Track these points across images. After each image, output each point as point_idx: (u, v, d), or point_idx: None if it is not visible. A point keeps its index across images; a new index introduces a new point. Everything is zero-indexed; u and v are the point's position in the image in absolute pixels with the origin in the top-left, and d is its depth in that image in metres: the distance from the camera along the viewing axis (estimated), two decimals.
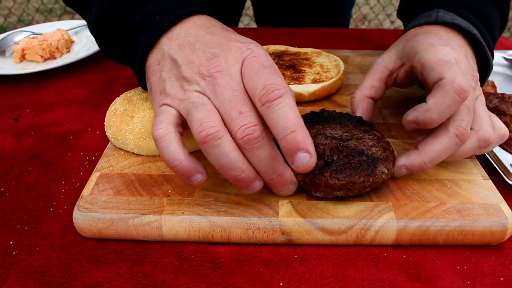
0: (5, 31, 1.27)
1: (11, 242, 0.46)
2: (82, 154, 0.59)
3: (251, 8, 1.44)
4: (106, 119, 0.57)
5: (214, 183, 0.49)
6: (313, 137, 0.49)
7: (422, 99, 0.53)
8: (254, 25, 3.14)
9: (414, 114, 0.47)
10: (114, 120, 0.55)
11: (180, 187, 0.48)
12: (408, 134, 0.58)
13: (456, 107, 0.45)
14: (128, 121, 0.54)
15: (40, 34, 0.92)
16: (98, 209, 0.45)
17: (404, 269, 0.43)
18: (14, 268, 0.43)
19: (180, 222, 0.45)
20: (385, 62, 0.56)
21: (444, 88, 0.44)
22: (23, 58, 0.86)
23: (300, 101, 0.65)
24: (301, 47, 0.88)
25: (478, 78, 0.50)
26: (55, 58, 0.87)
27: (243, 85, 0.41)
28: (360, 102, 0.55)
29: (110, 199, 0.47)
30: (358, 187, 0.45)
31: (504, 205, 0.46)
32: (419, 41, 0.51)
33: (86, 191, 0.48)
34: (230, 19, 1.23)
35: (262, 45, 0.92)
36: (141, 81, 0.53)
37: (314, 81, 0.67)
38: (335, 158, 0.46)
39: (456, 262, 0.44)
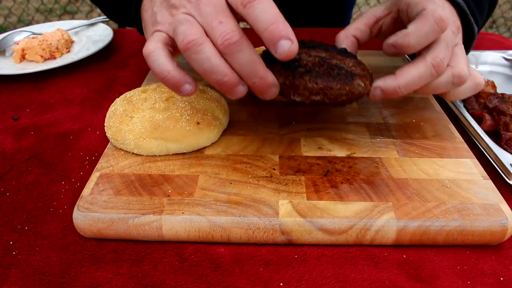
0: (5, 31, 1.27)
1: (11, 242, 0.46)
2: (82, 154, 0.59)
3: None
4: (106, 120, 0.57)
5: (214, 183, 0.49)
6: (299, 55, 0.51)
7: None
8: None
9: (394, 38, 0.49)
10: (114, 120, 0.55)
11: (180, 187, 0.48)
12: (408, 134, 0.58)
13: (434, 36, 0.47)
14: (128, 121, 0.54)
15: (40, 34, 0.92)
16: (98, 209, 0.45)
17: (404, 269, 0.43)
18: (14, 268, 0.43)
19: (180, 222, 0.45)
20: (373, 11, 0.60)
21: (425, 16, 0.47)
22: (23, 58, 0.86)
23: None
24: None
25: (459, 26, 0.53)
26: (55, 58, 0.87)
27: (226, 1, 0.43)
28: (345, 39, 0.58)
29: (110, 199, 0.47)
30: (335, 93, 0.47)
31: (504, 205, 0.46)
32: None
33: (86, 191, 0.48)
34: None
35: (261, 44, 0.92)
36: (140, 29, 0.56)
37: None
38: (316, 69, 0.49)
39: (456, 262, 0.44)
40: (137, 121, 0.53)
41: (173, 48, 0.46)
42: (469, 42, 0.59)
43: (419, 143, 0.56)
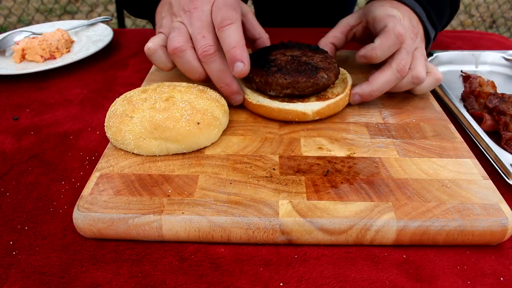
0: (5, 31, 1.27)
1: (11, 242, 0.46)
2: (82, 154, 0.59)
3: (251, 7, 1.44)
4: (106, 120, 0.57)
5: (214, 183, 0.49)
6: (274, 56, 0.64)
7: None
8: None
9: (364, 51, 0.61)
10: (113, 120, 0.55)
11: (180, 187, 0.48)
12: (408, 134, 0.58)
13: (395, 48, 0.59)
14: (128, 121, 0.54)
15: (40, 34, 0.92)
16: (98, 209, 0.45)
17: (404, 269, 0.43)
18: (14, 268, 0.43)
19: (180, 222, 0.45)
20: (348, 20, 0.72)
21: (387, 32, 0.59)
22: (23, 58, 0.86)
23: (304, 120, 0.60)
24: None
25: (418, 33, 0.64)
26: (55, 58, 0.87)
27: (211, 19, 0.57)
28: (324, 46, 0.70)
29: (110, 199, 0.47)
30: (301, 85, 0.58)
31: (504, 205, 0.46)
32: (374, 5, 0.67)
33: (86, 191, 0.48)
34: None
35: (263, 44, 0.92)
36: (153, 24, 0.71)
37: (319, 98, 0.61)
38: (287, 66, 0.61)
39: (456, 262, 0.44)
40: (137, 121, 0.53)
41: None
42: (427, 45, 0.70)
43: (419, 143, 0.56)
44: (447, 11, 0.75)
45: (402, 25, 0.60)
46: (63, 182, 0.54)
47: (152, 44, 0.59)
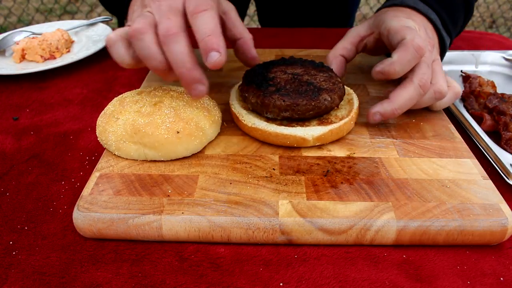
0: (5, 31, 1.27)
1: (11, 242, 0.46)
2: (82, 154, 0.59)
3: (250, 7, 1.44)
4: (98, 117, 0.57)
5: (214, 183, 0.49)
6: (274, 73, 0.59)
7: None
8: (254, 25, 3.13)
9: (382, 66, 0.57)
10: (102, 120, 0.55)
11: (180, 187, 0.48)
12: (408, 134, 0.58)
13: (415, 61, 0.56)
14: (113, 122, 0.53)
15: (40, 34, 0.92)
16: (98, 209, 0.45)
17: (404, 269, 0.43)
18: (14, 268, 0.43)
19: (180, 222, 0.45)
20: (358, 30, 0.67)
21: (405, 45, 0.55)
22: (23, 58, 0.86)
23: (303, 146, 0.55)
24: (301, 47, 0.88)
25: (435, 44, 0.62)
26: (55, 58, 0.87)
27: (183, 8, 0.50)
28: (334, 59, 0.66)
29: (110, 199, 0.47)
30: (301, 108, 0.53)
31: (504, 205, 0.46)
32: (387, 14, 0.63)
33: (86, 191, 0.48)
34: None
35: (262, 44, 0.92)
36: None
37: (321, 122, 0.56)
38: (287, 87, 0.55)
39: (456, 262, 0.44)
40: (121, 123, 0.53)
41: None
42: (442, 53, 0.67)
43: (419, 143, 0.56)
44: (461, 17, 0.70)
45: (420, 36, 0.56)
46: (63, 182, 0.54)
47: (113, 35, 0.52)
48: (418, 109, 0.61)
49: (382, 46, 0.64)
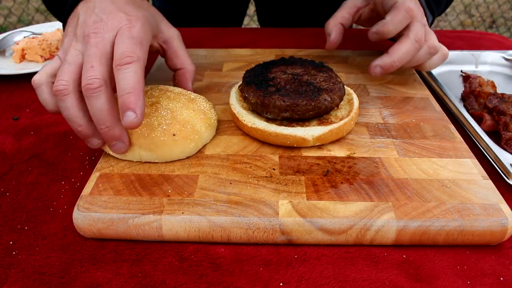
0: (5, 31, 1.27)
1: (11, 242, 0.46)
2: (82, 154, 0.59)
3: (250, 7, 1.44)
4: None
5: (214, 183, 0.49)
6: (274, 73, 0.59)
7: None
8: (254, 25, 3.13)
9: (376, 27, 0.64)
10: None
11: (180, 187, 0.48)
12: (408, 134, 0.58)
13: (406, 21, 0.62)
14: None
15: (40, 34, 0.92)
16: (98, 209, 0.45)
17: (404, 269, 0.43)
18: (14, 268, 0.43)
19: (180, 222, 0.45)
20: (355, 1, 0.74)
21: (397, 8, 0.62)
22: (23, 58, 0.86)
23: (303, 146, 0.55)
24: (301, 47, 0.88)
25: (423, 12, 0.66)
26: None
27: (111, 49, 0.49)
28: (334, 27, 0.72)
29: (110, 199, 0.47)
30: (301, 109, 0.53)
31: (504, 205, 0.46)
32: None
33: (86, 191, 0.48)
34: (233, 20, 1.23)
35: (262, 44, 0.92)
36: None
37: (321, 122, 0.56)
38: (287, 87, 0.56)
39: (456, 262, 0.44)
40: None
41: None
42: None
43: (419, 143, 0.56)
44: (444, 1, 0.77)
45: (411, 1, 0.63)
46: (63, 182, 0.54)
47: (38, 78, 0.50)
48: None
49: (375, 17, 0.70)
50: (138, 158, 0.52)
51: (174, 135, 0.51)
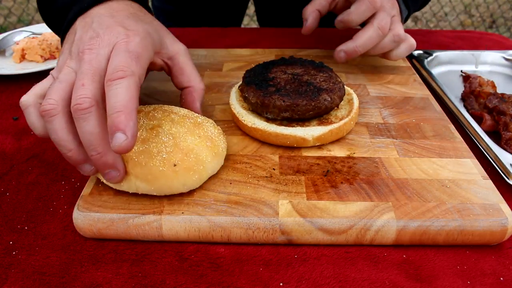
0: (5, 31, 1.27)
1: (11, 242, 0.46)
2: None
3: (250, 7, 1.44)
4: None
5: (214, 183, 0.49)
6: (274, 73, 0.59)
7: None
8: (254, 25, 3.12)
9: (341, 16, 0.69)
10: None
11: None
12: (408, 134, 0.58)
13: (369, 12, 0.66)
14: None
15: (40, 34, 0.92)
16: (98, 209, 0.45)
17: (404, 269, 0.43)
18: (14, 268, 0.43)
19: (180, 222, 0.45)
20: None
21: None
22: (23, 58, 0.86)
23: (303, 146, 0.55)
24: (301, 47, 0.88)
25: (394, 4, 0.70)
26: (55, 58, 0.87)
27: (106, 66, 0.44)
28: (311, 13, 0.73)
29: (110, 199, 0.47)
30: (301, 109, 0.54)
31: (504, 205, 0.46)
32: None
33: (86, 191, 0.48)
34: (233, 20, 1.23)
35: (262, 44, 0.92)
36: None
37: (321, 122, 0.56)
38: (287, 87, 0.56)
39: (456, 262, 0.44)
40: None
41: None
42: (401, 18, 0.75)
43: (419, 143, 0.56)
44: None
45: None
46: (63, 182, 0.54)
47: (26, 99, 0.46)
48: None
49: (348, 7, 0.71)
50: (134, 189, 0.46)
51: (175, 165, 0.45)
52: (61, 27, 0.55)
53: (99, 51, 0.45)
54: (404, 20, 0.76)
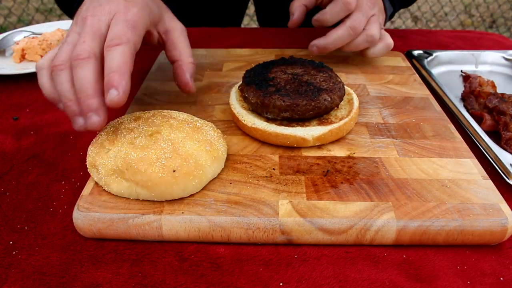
0: (5, 31, 1.27)
1: (11, 242, 0.46)
2: (82, 154, 0.59)
3: (250, 7, 1.44)
4: (91, 143, 0.52)
5: (214, 183, 0.49)
6: (274, 73, 0.60)
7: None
8: (254, 25, 3.13)
9: (317, 15, 0.70)
10: (92, 149, 0.50)
11: None
12: (408, 134, 0.58)
13: (343, 13, 0.68)
14: (104, 154, 0.48)
15: (40, 34, 0.92)
16: (98, 209, 0.45)
17: (404, 269, 0.43)
18: (14, 268, 0.43)
19: (180, 222, 0.45)
20: None
21: (336, 0, 0.68)
22: (23, 58, 0.86)
23: (303, 146, 0.55)
24: (301, 47, 0.88)
25: (376, 3, 0.72)
26: None
27: (106, 31, 0.51)
28: (298, 7, 0.75)
29: (110, 199, 0.47)
30: (301, 109, 0.54)
31: (504, 205, 0.46)
32: None
33: (86, 191, 0.48)
34: (233, 20, 1.23)
35: (262, 44, 0.92)
36: None
37: (321, 122, 0.56)
38: (287, 87, 0.56)
39: (456, 262, 0.44)
40: (112, 156, 0.48)
41: None
42: (385, 19, 0.79)
43: (419, 143, 0.56)
44: None
45: None
46: (63, 182, 0.54)
47: (41, 62, 0.52)
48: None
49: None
50: (135, 195, 0.46)
51: (174, 171, 0.45)
52: (73, 5, 0.64)
53: (100, 18, 0.51)
54: (389, 17, 0.79)
